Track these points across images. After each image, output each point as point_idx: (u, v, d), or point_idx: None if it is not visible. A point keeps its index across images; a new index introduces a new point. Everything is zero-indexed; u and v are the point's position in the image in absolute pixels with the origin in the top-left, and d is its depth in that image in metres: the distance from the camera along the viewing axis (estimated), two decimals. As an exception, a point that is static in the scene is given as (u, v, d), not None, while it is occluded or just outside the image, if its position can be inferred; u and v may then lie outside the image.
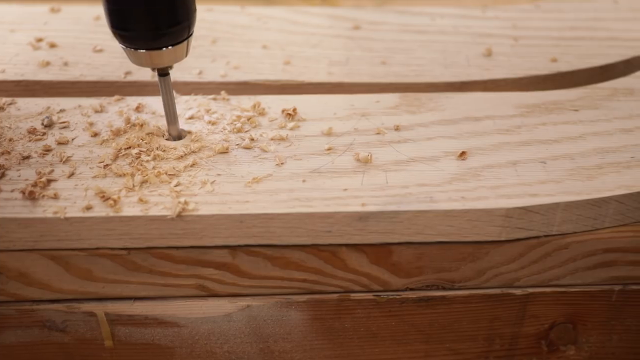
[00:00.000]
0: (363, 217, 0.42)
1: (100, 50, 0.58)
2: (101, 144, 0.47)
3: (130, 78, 0.55)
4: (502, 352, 0.50)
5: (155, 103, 0.51)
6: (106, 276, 0.44)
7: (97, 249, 0.43)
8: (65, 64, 0.56)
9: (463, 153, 0.46)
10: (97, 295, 0.45)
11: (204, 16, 0.63)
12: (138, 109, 0.50)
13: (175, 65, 0.56)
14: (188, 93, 0.54)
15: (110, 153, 0.46)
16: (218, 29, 0.62)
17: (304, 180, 0.44)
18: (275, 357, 0.49)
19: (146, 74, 0.55)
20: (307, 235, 0.43)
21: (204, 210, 0.42)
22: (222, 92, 0.52)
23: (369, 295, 0.47)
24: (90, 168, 0.45)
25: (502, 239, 0.44)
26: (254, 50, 0.59)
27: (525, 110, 0.51)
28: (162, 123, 0.48)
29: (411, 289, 0.46)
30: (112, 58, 0.57)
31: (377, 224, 0.42)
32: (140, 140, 0.47)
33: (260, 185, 0.44)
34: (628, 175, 0.45)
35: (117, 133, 0.48)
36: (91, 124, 0.49)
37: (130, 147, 0.46)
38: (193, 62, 0.57)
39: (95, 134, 0.48)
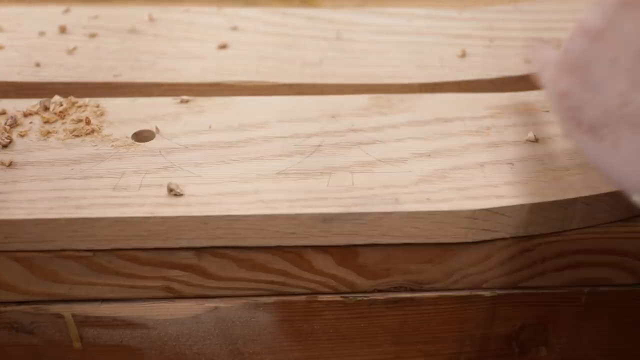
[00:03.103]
0: (327, 219, 0.42)
1: (73, 52, 0.58)
2: (65, 145, 0.47)
3: (102, 79, 0.55)
4: (473, 353, 0.50)
5: (123, 105, 0.51)
6: (72, 278, 0.44)
7: (62, 250, 0.43)
8: (37, 64, 0.56)
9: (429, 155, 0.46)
10: (64, 297, 0.45)
11: (179, 17, 0.63)
12: (100, 111, 0.50)
13: (149, 67, 0.56)
14: (161, 94, 0.54)
15: (74, 154, 0.46)
16: (193, 29, 0.62)
17: (269, 182, 0.44)
18: (245, 359, 0.49)
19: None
20: (272, 237, 0.43)
21: (168, 212, 0.42)
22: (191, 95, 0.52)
23: (337, 297, 0.46)
24: (54, 169, 0.45)
25: (469, 240, 0.44)
26: (228, 51, 0.59)
27: (496, 111, 0.51)
28: (127, 121, 0.48)
29: (379, 291, 0.46)
30: (85, 59, 0.57)
31: (342, 225, 0.42)
32: (107, 142, 0.47)
33: (226, 187, 0.43)
34: (595, 176, 0.45)
35: (80, 134, 0.48)
36: (55, 125, 0.49)
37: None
38: (166, 63, 0.57)
39: (60, 135, 0.48)
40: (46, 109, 0.50)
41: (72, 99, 0.51)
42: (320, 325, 0.48)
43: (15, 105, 0.50)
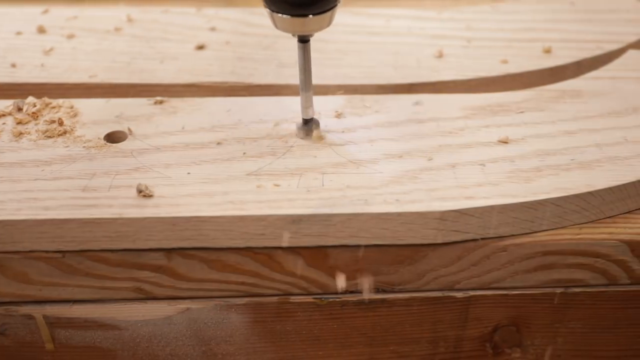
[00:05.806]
0: (296, 220, 0.42)
1: (50, 52, 0.58)
2: (37, 146, 0.47)
3: (77, 80, 0.54)
4: (447, 355, 0.50)
5: (97, 106, 0.51)
6: (42, 279, 0.44)
7: (31, 251, 0.43)
8: (13, 65, 0.56)
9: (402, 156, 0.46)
10: (34, 298, 0.45)
11: (158, 18, 0.63)
12: (74, 112, 0.50)
13: (125, 67, 0.56)
14: (136, 95, 0.54)
15: (45, 155, 0.46)
16: (171, 30, 0.61)
17: (240, 183, 0.44)
18: (219, 360, 0.49)
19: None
20: (241, 238, 0.43)
21: (136, 213, 0.42)
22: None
23: (309, 298, 0.46)
24: (24, 170, 0.45)
25: (439, 241, 0.44)
26: (204, 52, 0.59)
27: (470, 112, 0.51)
28: (100, 122, 0.48)
29: (351, 292, 0.46)
30: (61, 60, 0.57)
31: (311, 227, 0.42)
32: (79, 143, 0.47)
33: (195, 188, 0.43)
34: (566, 177, 0.45)
35: (52, 135, 0.48)
36: (28, 126, 0.48)
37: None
38: (142, 64, 0.57)
39: (32, 136, 0.48)
40: (19, 109, 0.50)
41: (46, 99, 0.51)
42: (293, 327, 0.48)
43: (-12, 106, 0.50)
